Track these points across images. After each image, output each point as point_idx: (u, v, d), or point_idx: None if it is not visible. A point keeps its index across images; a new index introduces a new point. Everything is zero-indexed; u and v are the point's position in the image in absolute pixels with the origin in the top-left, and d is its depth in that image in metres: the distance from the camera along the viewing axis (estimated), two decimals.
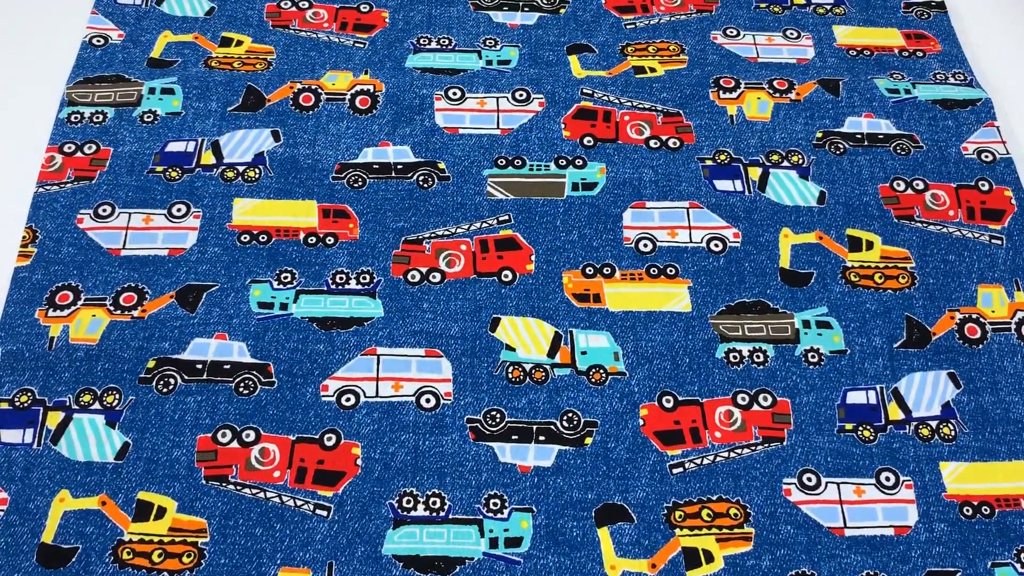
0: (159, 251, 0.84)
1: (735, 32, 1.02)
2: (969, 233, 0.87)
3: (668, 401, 0.78)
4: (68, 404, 0.76)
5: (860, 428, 0.77)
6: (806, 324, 0.82)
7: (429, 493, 0.73)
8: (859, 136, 0.93)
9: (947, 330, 0.82)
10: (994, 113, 0.94)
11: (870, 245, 0.86)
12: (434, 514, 0.72)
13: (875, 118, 0.94)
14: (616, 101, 0.95)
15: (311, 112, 0.93)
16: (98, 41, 0.97)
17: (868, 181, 0.90)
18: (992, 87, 0.97)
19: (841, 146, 0.92)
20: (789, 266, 0.85)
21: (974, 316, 0.82)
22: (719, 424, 0.77)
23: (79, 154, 0.89)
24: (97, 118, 0.91)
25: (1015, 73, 0.99)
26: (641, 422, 0.77)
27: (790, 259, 0.85)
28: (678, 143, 0.92)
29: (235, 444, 0.74)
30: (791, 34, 1.02)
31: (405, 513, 0.72)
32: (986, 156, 0.92)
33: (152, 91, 0.93)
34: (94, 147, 0.89)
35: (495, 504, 0.73)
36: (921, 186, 0.90)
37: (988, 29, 1.04)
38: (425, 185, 0.89)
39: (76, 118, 0.91)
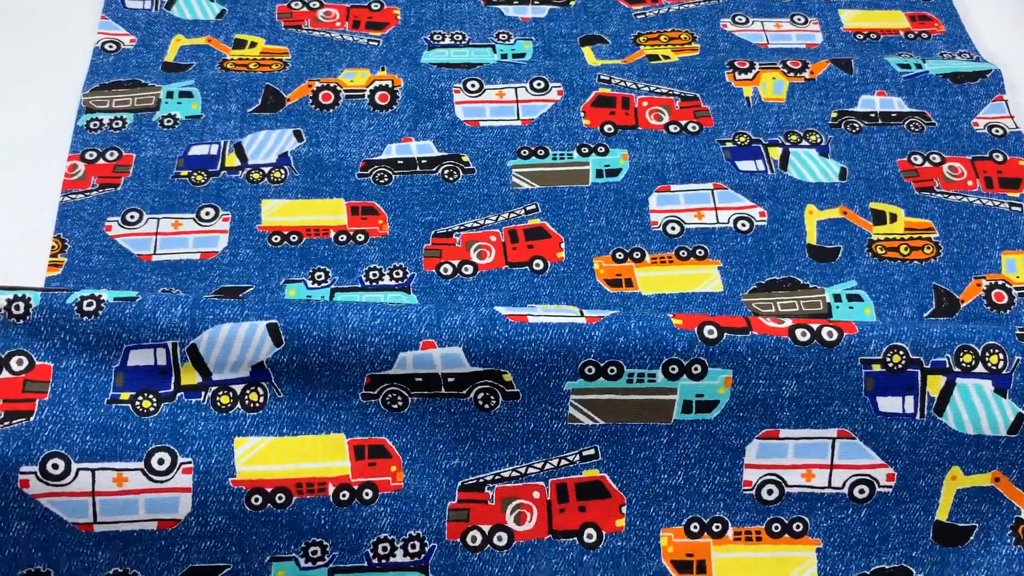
0: (191, 255, 0.83)
1: (744, 19, 1.03)
2: (989, 201, 0.89)
3: None
4: None
5: None
6: (837, 298, 0.83)
7: None
8: (872, 115, 0.95)
9: (975, 297, 0.83)
10: (1003, 85, 0.96)
11: (894, 218, 0.88)
12: None
13: (887, 95, 0.96)
14: (634, 86, 0.96)
15: (331, 110, 0.93)
16: (110, 47, 0.96)
17: (886, 156, 0.92)
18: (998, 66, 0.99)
19: (856, 125, 0.94)
20: (816, 242, 0.86)
21: (1000, 282, 0.84)
22: None
23: (101, 161, 0.88)
24: (116, 124, 0.90)
25: (1020, 52, 1.01)
26: None
27: (816, 235, 0.87)
28: (697, 127, 0.93)
29: None
30: (798, 19, 1.04)
31: None
32: (996, 131, 0.94)
33: (170, 95, 0.92)
34: (116, 153, 0.88)
35: None
36: (938, 159, 0.92)
37: (991, 9, 1.06)
38: (450, 178, 0.89)
39: (95, 125, 0.90)
